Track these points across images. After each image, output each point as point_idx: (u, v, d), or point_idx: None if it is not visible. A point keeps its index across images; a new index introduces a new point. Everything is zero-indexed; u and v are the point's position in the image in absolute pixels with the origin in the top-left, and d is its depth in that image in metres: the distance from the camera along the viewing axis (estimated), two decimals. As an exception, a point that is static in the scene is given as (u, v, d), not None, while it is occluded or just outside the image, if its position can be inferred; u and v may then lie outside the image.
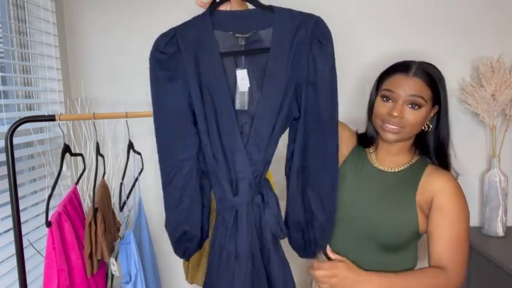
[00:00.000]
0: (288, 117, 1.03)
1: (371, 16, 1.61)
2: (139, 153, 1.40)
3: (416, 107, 1.02)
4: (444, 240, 1.01)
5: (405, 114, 1.02)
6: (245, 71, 0.98)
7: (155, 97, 1.02)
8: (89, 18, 1.60)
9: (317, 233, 1.08)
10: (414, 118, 1.02)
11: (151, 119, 1.05)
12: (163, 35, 1.03)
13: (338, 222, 1.10)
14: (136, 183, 1.37)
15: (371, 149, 1.17)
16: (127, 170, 1.30)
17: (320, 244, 1.09)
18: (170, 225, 1.09)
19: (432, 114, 1.08)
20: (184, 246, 1.12)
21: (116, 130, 1.62)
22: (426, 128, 1.08)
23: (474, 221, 1.70)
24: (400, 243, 1.06)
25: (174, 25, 1.59)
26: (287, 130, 1.08)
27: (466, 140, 1.65)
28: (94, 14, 1.60)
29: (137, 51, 1.62)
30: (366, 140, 1.17)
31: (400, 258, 1.07)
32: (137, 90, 1.63)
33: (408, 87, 1.01)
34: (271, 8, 0.98)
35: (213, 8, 1.00)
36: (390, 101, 1.04)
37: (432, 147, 1.09)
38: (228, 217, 1.02)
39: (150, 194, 1.66)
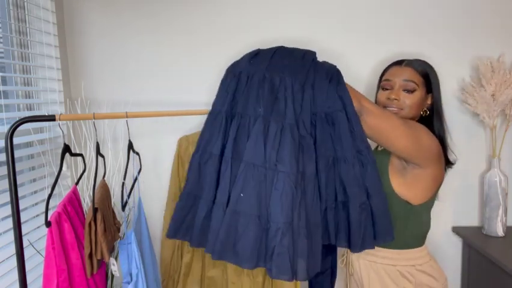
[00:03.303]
0: None
1: (371, 17, 1.61)
2: (137, 153, 1.40)
3: (411, 91, 1.22)
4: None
5: (402, 97, 1.22)
6: None
7: None
8: (89, 18, 1.60)
9: None
10: (410, 100, 1.22)
11: (151, 119, 1.05)
12: None
13: None
14: (136, 183, 1.37)
15: None
16: (127, 170, 1.30)
17: None
18: None
19: (429, 102, 1.27)
20: None
21: (116, 130, 1.62)
22: (424, 114, 1.27)
23: (474, 221, 1.70)
24: None
25: (173, 26, 1.60)
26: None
27: (466, 140, 1.65)
28: (94, 14, 1.60)
29: (138, 51, 1.62)
30: None
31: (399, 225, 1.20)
32: (137, 90, 1.63)
33: (401, 74, 1.24)
34: None
35: None
36: (389, 89, 1.26)
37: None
38: None
39: (150, 194, 1.66)
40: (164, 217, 1.60)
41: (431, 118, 1.27)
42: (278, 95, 1.10)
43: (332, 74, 1.13)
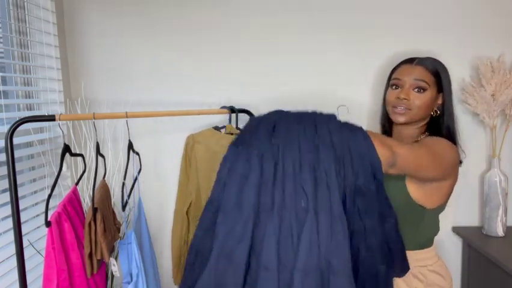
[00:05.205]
0: None
1: (371, 17, 1.61)
2: (137, 154, 1.40)
3: (421, 90, 1.17)
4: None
5: (412, 97, 1.17)
6: None
7: None
8: (89, 18, 1.60)
9: None
10: (420, 100, 1.17)
11: (151, 119, 1.05)
12: None
13: None
14: (136, 183, 1.37)
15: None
16: (127, 170, 1.30)
17: None
18: None
19: (439, 102, 1.22)
20: None
21: (116, 130, 1.62)
22: (435, 114, 1.22)
23: (474, 221, 1.70)
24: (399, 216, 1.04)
25: (173, 26, 1.61)
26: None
27: (466, 140, 1.63)
28: (94, 14, 1.60)
29: (137, 51, 1.62)
30: (384, 131, 1.34)
31: (410, 231, 1.15)
32: (137, 90, 1.63)
33: (412, 73, 1.19)
34: None
35: None
36: (399, 88, 1.21)
37: (442, 133, 1.21)
38: None
39: (150, 194, 1.66)
40: (175, 211, 1.58)
41: (441, 118, 1.24)
42: (318, 181, 0.89)
43: (366, 155, 0.93)
